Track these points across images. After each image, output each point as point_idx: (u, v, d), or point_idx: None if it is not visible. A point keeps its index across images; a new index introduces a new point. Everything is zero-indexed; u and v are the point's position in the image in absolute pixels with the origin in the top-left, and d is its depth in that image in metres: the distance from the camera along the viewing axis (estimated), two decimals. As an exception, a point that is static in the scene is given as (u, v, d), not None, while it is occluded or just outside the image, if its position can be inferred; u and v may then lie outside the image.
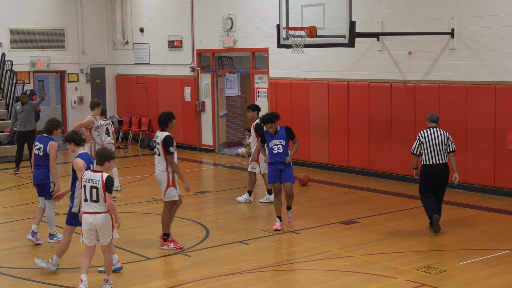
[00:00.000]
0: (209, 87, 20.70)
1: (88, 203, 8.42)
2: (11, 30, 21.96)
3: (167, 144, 10.32)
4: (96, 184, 8.36)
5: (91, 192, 8.38)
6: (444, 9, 14.53)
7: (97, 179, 8.38)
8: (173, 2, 21.60)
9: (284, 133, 11.52)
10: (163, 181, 10.48)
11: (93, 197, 8.39)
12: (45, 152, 10.71)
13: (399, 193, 14.52)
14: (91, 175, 8.44)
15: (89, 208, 8.43)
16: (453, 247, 10.46)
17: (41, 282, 9.15)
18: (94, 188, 8.36)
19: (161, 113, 10.67)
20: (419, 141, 11.28)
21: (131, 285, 8.99)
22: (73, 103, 23.44)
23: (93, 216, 8.42)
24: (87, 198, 8.42)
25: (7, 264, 9.94)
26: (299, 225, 11.85)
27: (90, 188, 8.38)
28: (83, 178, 8.45)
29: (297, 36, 13.63)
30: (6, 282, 9.22)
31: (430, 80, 14.99)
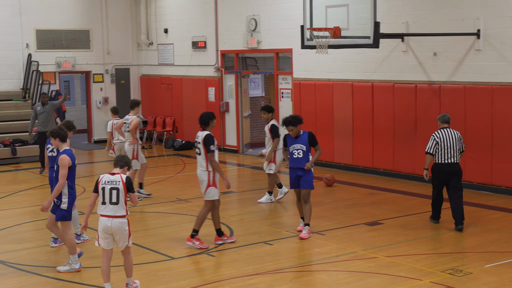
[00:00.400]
0: (233, 87, 20.73)
1: (107, 205, 8.27)
2: (37, 31, 22.16)
3: (208, 143, 10.46)
4: (117, 185, 8.26)
5: (111, 194, 8.25)
6: (469, 10, 14.41)
7: (117, 180, 8.30)
8: (198, 3, 21.66)
9: (306, 139, 11.19)
10: (204, 180, 10.60)
11: (113, 199, 8.24)
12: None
13: (424, 194, 14.41)
14: (109, 178, 8.33)
15: (106, 211, 8.29)
16: (479, 249, 10.37)
17: (66, 280, 9.21)
18: (115, 190, 8.24)
19: (202, 113, 10.84)
20: (434, 141, 11.54)
21: (155, 284, 9.02)
22: (98, 104, 23.59)
23: (111, 220, 8.27)
24: (105, 201, 8.26)
25: (33, 262, 10.02)
26: (323, 226, 11.82)
27: (110, 190, 8.25)
28: (100, 181, 8.32)
29: (321, 37, 13.60)
30: (32, 280, 9.30)
31: (456, 81, 14.88)
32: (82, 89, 26.68)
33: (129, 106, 14.90)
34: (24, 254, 10.46)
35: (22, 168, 18.68)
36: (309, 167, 11.16)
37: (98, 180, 8.37)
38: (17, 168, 18.77)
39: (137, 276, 9.20)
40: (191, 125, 22.02)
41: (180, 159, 20.24)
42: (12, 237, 11.52)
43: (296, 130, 11.20)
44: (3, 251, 10.46)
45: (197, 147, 10.66)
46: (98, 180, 8.37)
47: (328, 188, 15.24)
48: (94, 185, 8.38)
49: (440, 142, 11.51)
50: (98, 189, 8.31)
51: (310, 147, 11.26)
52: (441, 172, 11.57)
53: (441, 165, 11.54)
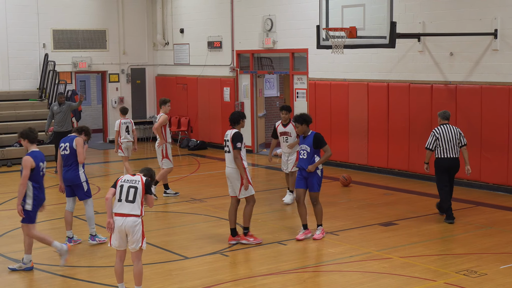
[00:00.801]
0: (248, 87, 20.74)
1: (123, 202, 8.21)
2: (54, 31, 22.29)
3: (235, 140, 10.59)
4: (136, 184, 8.24)
5: (128, 191, 8.21)
6: (487, 9, 14.33)
7: (137, 180, 8.29)
8: (213, 3, 21.70)
9: (311, 140, 10.97)
10: (236, 179, 10.70)
11: (129, 197, 8.20)
12: (72, 149, 10.77)
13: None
14: (129, 177, 8.35)
15: (121, 209, 8.22)
16: (494, 250, 10.31)
17: (81, 280, 9.27)
18: (133, 188, 8.22)
19: (233, 112, 10.97)
20: (434, 137, 12.10)
21: (169, 284, 9.05)
22: (114, 103, 23.68)
23: (124, 219, 8.19)
24: (121, 198, 8.22)
25: (48, 261, 10.08)
26: (337, 226, 11.80)
27: (128, 188, 8.23)
28: (119, 180, 8.33)
29: (337, 37, 13.58)
30: (47, 280, 9.36)
31: (472, 82, 14.80)
32: (98, 89, 26.80)
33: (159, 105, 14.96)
34: (39, 253, 10.49)
35: (38, 167, 18.74)
36: (311, 170, 10.84)
37: (118, 178, 8.40)
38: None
39: (151, 275, 9.24)
40: (206, 125, 22.07)
41: (195, 159, 20.27)
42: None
43: (301, 128, 11.03)
44: (17, 250, 10.52)
45: (226, 145, 10.77)
46: (118, 178, 8.40)
47: (343, 188, 15.21)
48: (115, 181, 8.39)
49: (441, 138, 12.05)
50: (117, 185, 8.31)
51: (317, 149, 10.95)
52: (442, 166, 12.12)
53: (443, 159, 12.09)
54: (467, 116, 14.85)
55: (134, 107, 24.12)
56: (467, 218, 12.30)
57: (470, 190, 14.72)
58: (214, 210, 13.32)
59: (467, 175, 12.51)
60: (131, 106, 23.91)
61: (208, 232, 11.70)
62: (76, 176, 10.79)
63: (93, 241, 10.88)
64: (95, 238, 10.92)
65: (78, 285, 9.11)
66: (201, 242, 11.04)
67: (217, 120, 21.51)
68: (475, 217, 12.39)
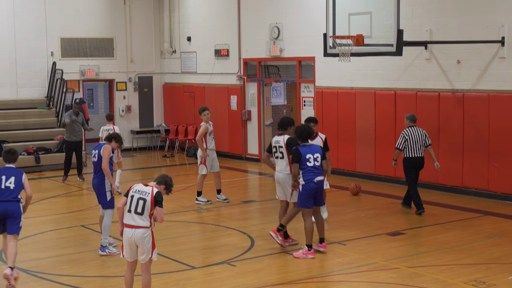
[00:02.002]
0: (255, 96, 20.75)
1: (132, 214, 8.20)
2: (62, 39, 22.37)
3: (291, 145, 10.70)
4: (145, 196, 8.20)
5: (137, 203, 8.19)
6: (494, 17, 14.31)
7: (147, 191, 8.23)
8: (220, 11, 21.74)
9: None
10: (288, 183, 10.85)
11: (138, 209, 8.18)
12: (99, 157, 10.86)
13: (446, 204, 14.32)
14: (141, 187, 8.28)
15: (130, 220, 8.21)
16: (502, 260, 10.26)
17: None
18: (142, 200, 8.19)
19: (283, 118, 11.18)
20: (404, 138, 13.38)
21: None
22: (121, 112, 23.72)
23: (133, 231, 8.19)
24: (131, 209, 8.21)
25: (55, 271, 10.09)
26: (345, 236, 11.77)
27: (137, 199, 8.20)
28: (131, 189, 8.31)
29: (344, 45, 13.56)
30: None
31: (480, 89, 14.77)
32: (105, 97, 26.88)
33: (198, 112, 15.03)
34: (47, 262, 10.53)
35: (45, 176, 18.83)
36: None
37: (131, 186, 8.38)
38: (41, 176, 18.92)
39: (158, 285, 9.23)
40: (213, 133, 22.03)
41: (203, 167, 20.27)
42: (35, 245, 11.60)
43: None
44: (26, 260, 10.54)
45: (279, 151, 10.90)
46: (131, 186, 8.38)
47: (350, 197, 15.18)
48: (127, 191, 8.37)
49: (409, 139, 13.33)
50: (128, 195, 8.30)
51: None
52: (410, 164, 13.46)
53: (411, 158, 13.40)
54: (474, 124, 14.81)
55: (141, 115, 24.16)
56: (475, 228, 12.25)
57: (478, 199, 14.67)
58: (221, 220, 13.31)
59: (437, 170, 13.83)
60: (138, 114, 23.98)
61: (215, 242, 11.69)
62: (101, 184, 10.87)
63: (102, 251, 10.84)
64: (104, 250, 10.87)
65: (85, 295, 9.11)
66: (208, 252, 11.04)
67: (224, 129, 21.50)
68: (483, 227, 12.35)
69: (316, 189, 10.52)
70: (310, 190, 10.49)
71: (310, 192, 10.50)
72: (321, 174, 10.58)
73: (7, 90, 21.56)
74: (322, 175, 10.59)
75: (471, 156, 14.93)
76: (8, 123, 20.74)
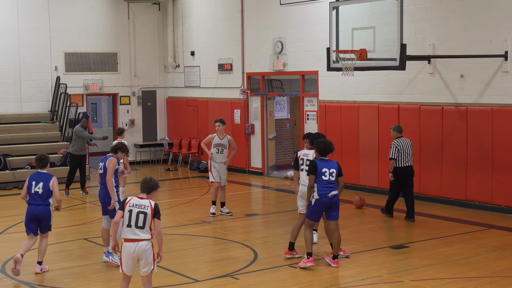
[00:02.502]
0: (258, 109, 20.77)
1: (132, 228, 8.14)
2: (66, 54, 22.44)
3: None
4: (145, 210, 8.16)
5: (137, 217, 8.13)
6: (497, 32, 14.33)
7: (145, 204, 8.19)
8: (224, 25, 21.80)
9: None
10: None
11: (139, 223, 8.13)
12: (105, 169, 10.89)
13: (450, 217, 14.29)
14: (137, 201, 8.22)
15: (131, 235, 8.15)
16: (506, 273, 10.21)
17: (90, 302, 9.24)
18: (142, 214, 8.14)
19: (317, 133, 11.59)
20: (396, 148, 13.81)
21: (179, 307, 9.00)
22: (125, 126, 23.73)
23: (136, 244, 8.13)
24: (131, 224, 8.14)
25: (58, 284, 10.06)
26: (349, 249, 11.71)
27: (137, 213, 8.14)
28: (127, 203, 8.23)
29: (347, 59, 13.60)
30: (56, 302, 9.33)
31: (483, 103, 14.77)
32: (109, 111, 26.91)
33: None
34: (50, 275, 10.50)
35: (49, 190, 18.77)
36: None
37: (126, 200, 8.30)
38: (44, 189, 18.85)
39: (160, 298, 9.19)
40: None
41: (205, 181, 20.24)
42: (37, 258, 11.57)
43: None
44: (29, 273, 10.50)
45: (306, 165, 11.03)
46: (126, 200, 8.30)
47: (354, 211, 15.14)
48: (121, 204, 8.33)
49: (400, 149, 13.78)
50: (125, 209, 8.22)
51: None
52: (400, 174, 13.88)
53: (402, 168, 13.84)
54: (478, 138, 14.79)
55: (144, 129, 24.19)
56: (479, 241, 12.21)
57: (482, 212, 14.63)
58: (224, 233, 13.29)
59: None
60: (141, 128, 24.00)
61: (218, 255, 11.66)
62: (107, 195, 10.89)
63: (106, 257, 10.91)
64: (109, 256, 10.91)
65: (88, 308, 9.08)
66: (211, 265, 11.00)
67: (227, 142, 21.46)
68: (487, 240, 12.30)
69: (330, 204, 10.53)
70: (324, 205, 10.51)
71: (324, 207, 10.54)
72: (336, 189, 10.58)
73: (11, 104, 21.59)
74: (336, 189, 10.59)
75: (474, 169, 14.90)
76: (12, 137, 20.76)
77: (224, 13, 21.73)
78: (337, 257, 10.77)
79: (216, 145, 14.73)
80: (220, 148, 14.73)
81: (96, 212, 15.35)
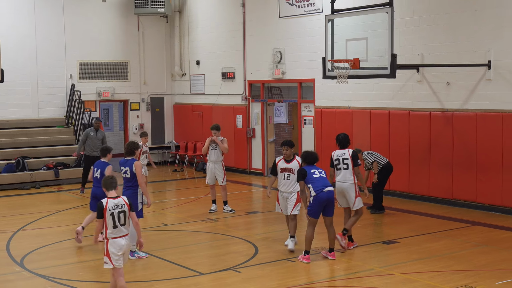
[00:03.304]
0: (259, 115, 20.77)
1: (119, 228, 8.20)
2: (80, 63, 22.46)
3: (356, 157, 11.30)
4: (124, 208, 8.23)
5: (119, 217, 8.19)
6: (481, 42, 14.34)
7: (122, 203, 8.25)
8: (227, 37, 21.81)
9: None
10: (351, 192, 11.22)
11: (122, 221, 8.20)
12: (132, 173, 10.84)
13: (437, 215, 14.28)
14: (114, 202, 8.21)
15: (120, 232, 8.22)
16: (489, 267, 10.20)
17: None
18: (122, 213, 8.21)
19: (343, 134, 11.69)
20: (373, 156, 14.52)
21: (185, 298, 8.99)
22: (135, 130, 23.75)
23: (125, 239, 8.27)
24: (117, 225, 8.18)
25: (73, 277, 10.06)
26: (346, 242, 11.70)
27: (118, 213, 8.19)
28: (107, 208, 8.15)
29: (342, 68, 13.59)
30: (71, 293, 9.33)
31: (468, 109, 14.76)
32: (120, 116, 26.92)
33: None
34: (65, 269, 10.51)
35: (64, 189, 18.83)
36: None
37: (103, 207, 8.18)
38: (59, 189, 18.92)
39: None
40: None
41: (210, 181, 20.25)
42: (53, 253, 11.57)
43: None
44: (45, 266, 10.52)
45: (344, 163, 11.21)
46: (103, 207, 8.18)
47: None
48: (100, 212, 8.19)
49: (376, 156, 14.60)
50: (105, 215, 8.15)
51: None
52: (385, 169, 14.46)
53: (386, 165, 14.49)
54: (463, 141, 14.79)
55: (153, 133, 24.20)
56: (465, 237, 12.21)
57: (467, 210, 14.62)
58: (227, 229, 13.28)
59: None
60: (150, 132, 23.99)
61: (222, 250, 11.66)
62: (133, 195, 10.85)
63: (132, 256, 10.87)
64: (134, 254, 10.91)
65: (101, 299, 9.07)
66: (215, 259, 11.00)
67: (230, 145, 21.41)
68: (471, 236, 12.29)
69: (327, 200, 10.48)
70: (321, 201, 10.44)
71: (321, 203, 10.46)
72: (330, 185, 10.61)
73: (29, 110, 21.62)
74: (331, 185, 10.63)
75: (460, 170, 14.90)
76: (30, 140, 20.78)
77: (227, 25, 21.74)
78: (333, 250, 10.76)
79: (213, 147, 14.83)
80: (214, 145, 14.82)
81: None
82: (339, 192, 11.39)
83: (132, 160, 10.94)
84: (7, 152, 19.97)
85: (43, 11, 21.65)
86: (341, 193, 11.39)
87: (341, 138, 11.57)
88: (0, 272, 10.40)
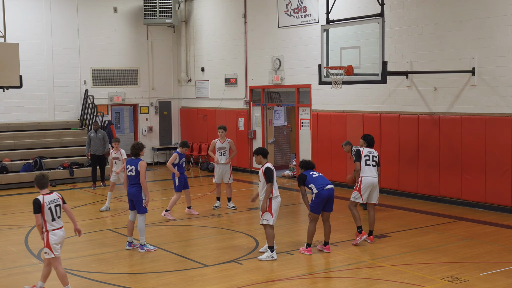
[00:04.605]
0: (259, 118, 20.78)
1: (57, 219, 8.42)
2: (93, 70, 22.48)
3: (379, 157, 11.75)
4: (59, 202, 8.46)
5: (56, 210, 8.40)
6: (466, 50, 14.34)
7: (56, 198, 8.47)
8: (230, 45, 21.82)
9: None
10: (377, 186, 11.51)
11: (58, 214, 8.43)
12: (136, 172, 10.87)
13: (425, 211, 14.27)
14: (50, 198, 8.40)
15: (57, 224, 8.43)
16: (474, 259, 10.21)
17: (115, 285, 9.23)
18: (58, 206, 8.44)
19: (370, 135, 11.93)
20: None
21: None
22: (144, 132, 23.77)
23: (62, 230, 8.49)
24: (55, 217, 8.40)
25: (86, 268, 10.08)
26: (338, 238, 11.72)
27: (55, 207, 8.40)
28: (44, 203, 8.32)
29: (336, 74, 13.60)
30: (85, 285, 9.34)
31: (453, 113, 14.77)
32: (130, 119, 26.90)
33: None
34: (78, 261, 10.51)
35: (78, 187, 18.84)
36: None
37: (41, 203, 8.33)
38: (74, 187, 18.93)
39: (175, 281, 9.20)
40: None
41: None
42: (68, 247, 11.53)
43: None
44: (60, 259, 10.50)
45: (373, 160, 11.48)
46: (41, 203, 8.33)
47: (342, 206, 15.05)
48: (37, 207, 8.33)
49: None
50: (43, 210, 8.32)
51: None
52: None
53: None
54: (449, 142, 14.80)
55: (161, 134, 24.22)
56: (450, 231, 12.21)
57: (453, 206, 14.62)
58: (230, 224, 13.29)
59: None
60: (158, 134, 24.02)
61: (225, 243, 11.66)
62: (138, 192, 10.91)
63: (141, 249, 10.91)
64: (143, 247, 10.93)
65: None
66: (219, 252, 11.00)
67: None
68: (457, 230, 12.29)
69: (328, 196, 10.54)
70: (323, 198, 10.51)
71: (323, 200, 10.52)
72: (330, 183, 10.68)
73: (46, 113, 21.65)
74: (331, 183, 10.70)
75: (446, 169, 14.90)
76: (47, 141, 20.81)
77: (230, 35, 21.75)
78: (328, 243, 10.77)
79: (219, 148, 14.81)
80: (222, 151, 14.81)
81: (119, 206, 15.37)
82: (370, 186, 11.42)
83: (138, 159, 11.02)
84: (25, 153, 20.00)
85: (59, 21, 21.67)
86: (371, 187, 11.43)
87: (370, 138, 11.86)
88: (19, 264, 10.42)
